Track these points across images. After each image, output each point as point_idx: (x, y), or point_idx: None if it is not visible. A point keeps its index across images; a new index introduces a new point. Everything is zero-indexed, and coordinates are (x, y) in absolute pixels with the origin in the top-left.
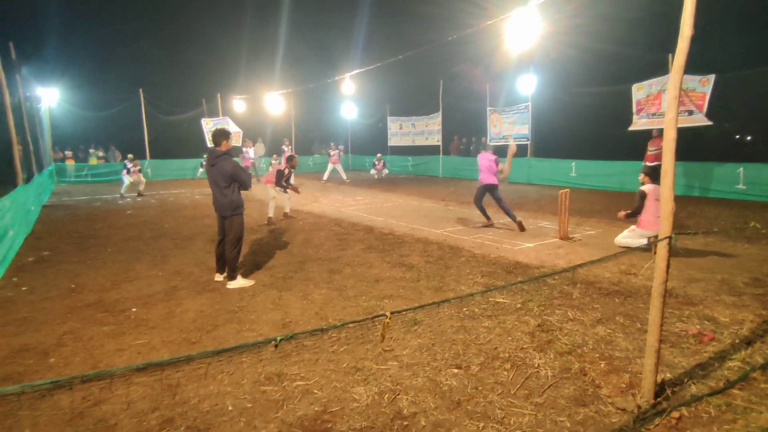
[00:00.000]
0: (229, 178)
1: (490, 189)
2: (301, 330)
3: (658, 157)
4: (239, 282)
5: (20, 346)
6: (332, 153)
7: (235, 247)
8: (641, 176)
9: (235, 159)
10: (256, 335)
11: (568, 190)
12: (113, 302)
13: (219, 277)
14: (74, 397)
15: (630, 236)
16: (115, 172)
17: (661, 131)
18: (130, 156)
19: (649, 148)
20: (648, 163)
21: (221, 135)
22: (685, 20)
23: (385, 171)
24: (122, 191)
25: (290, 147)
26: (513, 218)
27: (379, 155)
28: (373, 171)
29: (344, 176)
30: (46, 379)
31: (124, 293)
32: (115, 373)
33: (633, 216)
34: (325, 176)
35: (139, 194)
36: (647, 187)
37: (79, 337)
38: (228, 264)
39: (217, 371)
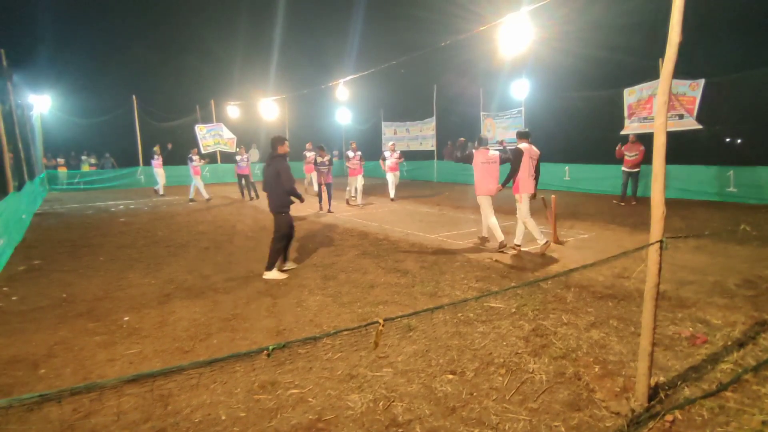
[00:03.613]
0: (277, 176)
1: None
2: (295, 338)
3: (636, 162)
4: (273, 274)
5: (10, 357)
6: (388, 156)
7: (279, 242)
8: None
9: (287, 163)
10: (249, 343)
11: (554, 195)
12: (105, 311)
13: (285, 267)
14: (64, 410)
15: (525, 209)
16: (109, 179)
17: (637, 136)
18: (194, 150)
19: (627, 153)
20: (626, 169)
21: (277, 140)
22: (672, 27)
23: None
24: (192, 196)
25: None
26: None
27: (392, 143)
28: (387, 161)
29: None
30: (35, 393)
31: (117, 302)
32: (105, 385)
33: (509, 180)
34: (392, 192)
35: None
36: (523, 145)
37: (71, 348)
38: (269, 256)
39: (209, 380)
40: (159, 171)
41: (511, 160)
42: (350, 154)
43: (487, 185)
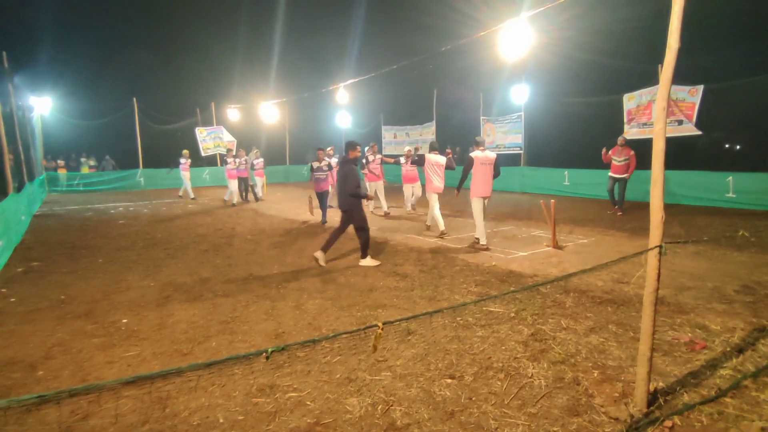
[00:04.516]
0: (345, 179)
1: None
2: (294, 341)
3: (624, 168)
4: (368, 261)
5: (7, 359)
6: (403, 162)
7: (362, 233)
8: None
9: (354, 167)
10: (248, 346)
11: (553, 200)
12: (104, 313)
13: (317, 254)
14: (62, 411)
15: (475, 209)
16: (108, 181)
17: (626, 139)
18: (255, 151)
19: (615, 158)
20: (614, 175)
21: (349, 145)
22: (672, 33)
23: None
24: (226, 198)
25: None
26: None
27: (408, 149)
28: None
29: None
30: (33, 394)
31: (115, 304)
32: (103, 387)
33: (460, 184)
34: (409, 203)
35: (256, 198)
36: (475, 153)
37: (68, 350)
38: (361, 246)
39: (208, 383)
40: (186, 174)
41: (464, 167)
42: (371, 157)
43: (435, 183)
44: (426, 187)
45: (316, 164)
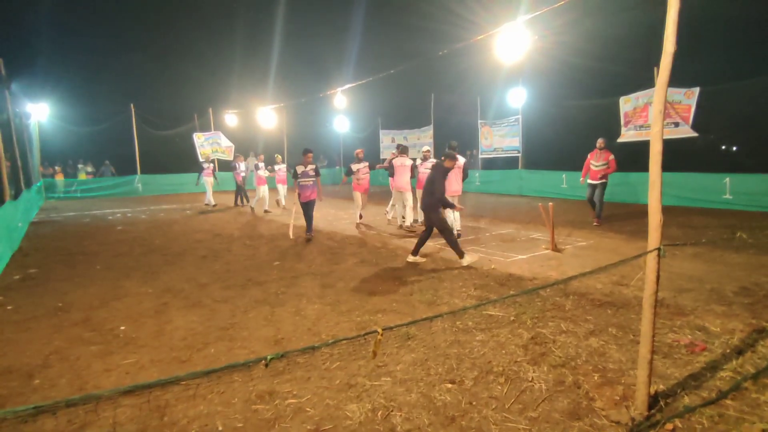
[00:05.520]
0: (432, 182)
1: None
2: (294, 347)
3: (604, 173)
4: (468, 259)
5: (3, 368)
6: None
7: (447, 235)
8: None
9: (446, 171)
10: (247, 353)
11: (551, 203)
12: (101, 321)
13: (410, 258)
14: (59, 421)
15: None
16: (106, 188)
17: (606, 142)
18: (278, 157)
19: (593, 162)
20: (591, 181)
21: (447, 155)
22: (667, 37)
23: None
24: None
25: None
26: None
27: (426, 149)
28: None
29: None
30: (29, 405)
31: (113, 311)
32: (101, 397)
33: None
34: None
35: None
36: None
37: (66, 358)
38: (452, 248)
39: (207, 391)
40: (209, 180)
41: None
42: (397, 162)
43: (402, 182)
44: (395, 186)
45: (300, 169)
